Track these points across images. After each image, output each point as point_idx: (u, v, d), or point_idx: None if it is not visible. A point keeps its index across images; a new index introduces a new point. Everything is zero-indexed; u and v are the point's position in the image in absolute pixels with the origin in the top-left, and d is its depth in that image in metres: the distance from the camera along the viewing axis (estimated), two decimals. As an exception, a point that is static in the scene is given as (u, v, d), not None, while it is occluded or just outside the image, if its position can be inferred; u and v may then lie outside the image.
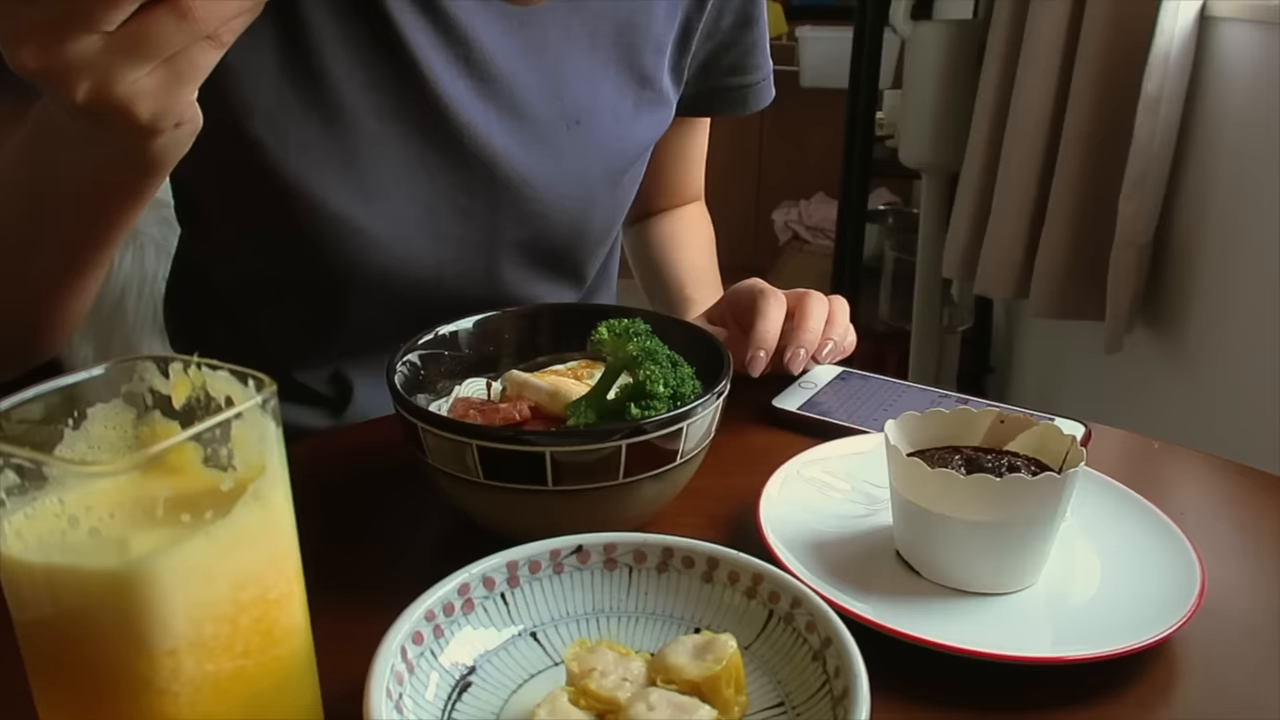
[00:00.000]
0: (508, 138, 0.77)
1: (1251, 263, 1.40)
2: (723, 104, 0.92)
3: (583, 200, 0.82)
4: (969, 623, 0.52)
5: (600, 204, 0.84)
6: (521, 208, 0.80)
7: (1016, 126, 1.77)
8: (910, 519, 0.56)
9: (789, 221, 3.51)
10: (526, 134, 0.78)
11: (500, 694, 0.47)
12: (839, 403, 0.76)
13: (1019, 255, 1.79)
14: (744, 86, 0.92)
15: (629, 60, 0.81)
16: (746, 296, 0.77)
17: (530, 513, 0.56)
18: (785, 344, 0.75)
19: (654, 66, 0.82)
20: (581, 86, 0.79)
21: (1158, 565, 0.56)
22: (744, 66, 0.90)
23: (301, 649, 0.40)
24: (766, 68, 0.93)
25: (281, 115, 0.71)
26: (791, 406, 0.76)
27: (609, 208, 0.85)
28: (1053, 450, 0.56)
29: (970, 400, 0.77)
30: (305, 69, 0.71)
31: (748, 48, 0.89)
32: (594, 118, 0.80)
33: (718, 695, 0.43)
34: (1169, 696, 0.50)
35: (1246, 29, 1.42)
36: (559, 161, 0.79)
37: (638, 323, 0.61)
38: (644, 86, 0.82)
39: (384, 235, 0.75)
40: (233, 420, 0.36)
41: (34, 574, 0.35)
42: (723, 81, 0.91)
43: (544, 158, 0.79)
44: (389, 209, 0.75)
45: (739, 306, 0.79)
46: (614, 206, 0.86)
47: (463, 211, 0.78)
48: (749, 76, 0.91)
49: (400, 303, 0.79)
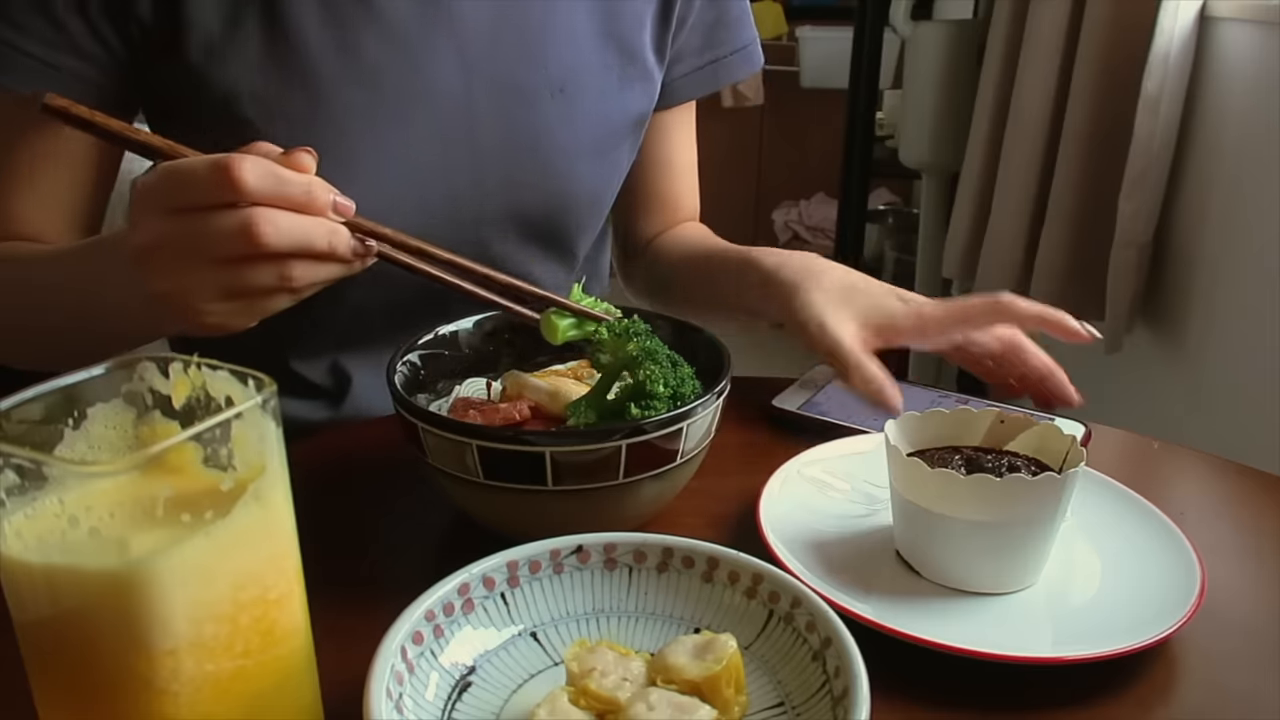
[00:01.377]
0: (490, 105, 0.77)
1: (1251, 263, 1.40)
2: (711, 80, 0.92)
3: (567, 170, 0.82)
4: (969, 623, 0.52)
5: (586, 175, 0.83)
6: (506, 176, 0.80)
7: (1016, 126, 1.77)
8: (910, 519, 0.56)
9: (789, 221, 3.51)
10: (510, 101, 0.78)
11: (500, 694, 0.47)
12: (839, 403, 0.76)
13: (1019, 255, 1.79)
14: (734, 53, 0.92)
15: (611, 31, 0.82)
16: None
17: (530, 513, 0.56)
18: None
19: (636, 39, 0.83)
20: (565, 56, 0.80)
21: (1158, 565, 0.56)
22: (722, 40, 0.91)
23: (301, 649, 0.40)
24: (751, 32, 0.94)
25: (266, 94, 0.72)
26: (792, 407, 0.76)
27: (596, 179, 0.85)
28: (1053, 450, 0.56)
29: (970, 400, 0.77)
30: (285, 42, 0.72)
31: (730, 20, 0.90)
32: (578, 86, 0.80)
33: (718, 695, 0.43)
34: (1169, 696, 0.50)
35: (1246, 29, 1.42)
36: (543, 130, 0.80)
37: (638, 323, 0.61)
38: (627, 59, 0.83)
39: (371, 206, 0.75)
40: (233, 420, 0.36)
41: (34, 574, 0.35)
42: (707, 56, 0.91)
43: (528, 126, 0.79)
44: (374, 179, 0.75)
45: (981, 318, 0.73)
46: (602, 179, 0.86)
47: (447, 181, 0.78)
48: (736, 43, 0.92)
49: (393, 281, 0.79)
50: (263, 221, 0.48)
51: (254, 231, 0.48)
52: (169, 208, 0.50)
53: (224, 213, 0.48)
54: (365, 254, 0.52)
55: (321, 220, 0.50)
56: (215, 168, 0.48)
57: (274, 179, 0.48)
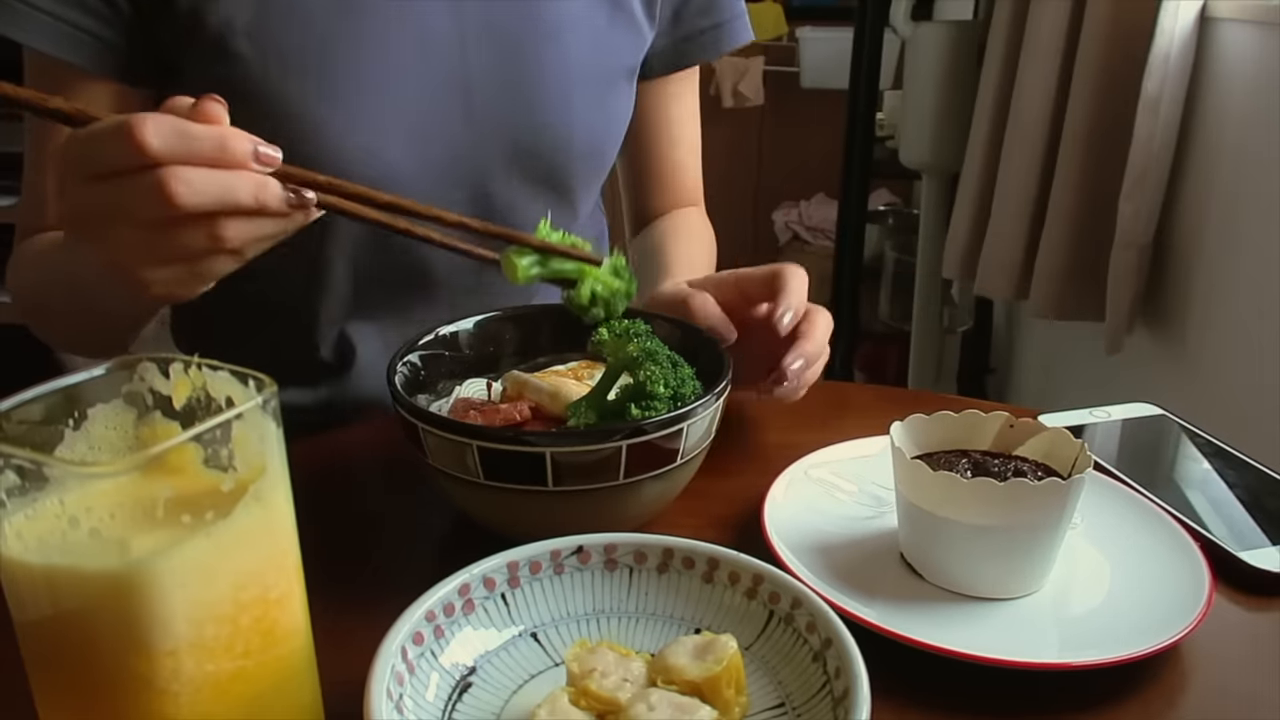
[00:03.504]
0: (481, 46, 0.79)
1: (1251, 263, 1.40)
2: (699, 49, 0.94)
3: (561, 113, 0.82)
4: (972, 627, 0.52)
5: (580, 120, 0.84)
6: (500, 118, 0.80)
7: (1016, 127, 1.77)
8: (914, 522, 0.55)
9: (789, 222, 3.51)
10: (501, 43, 0.79)
11: (500, 694, 0.47)
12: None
13: (1019, 256, 1.78)
14: (718, 25, 0.93)
15: None
16: (771, 282, 0.69)
17: (530, 513, 0.56)
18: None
19: None
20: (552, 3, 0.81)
21: (1165, 571, 0.56)
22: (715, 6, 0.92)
23: (301, 649, 0.40)
24: (739, 5, 0.95)
25: (260, 29, 0.72)
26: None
27: (591, 127, 0.86)
28: (1062, 455, 0.56)
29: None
30: None
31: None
32: (568, 30, 0.81)
33: (718, 696, 0.43)
34: (1176, 702, 0.50)
35: (1246, 29, 1.42)
36: (535, 72, 0.81)
37: (638, 323, 0.61)
38: (615, 6, 0.85)
39: (365, 144, 0.76)
40: (233, 421, 0.36)
41: (34, 575, 0.35)
42: (697, 24, 0.92)
43: (519, 68, 0.80)
44: (367, 114, 0.76)
45: (757, 288, 0.70)
46: (598, 127, 0.86)
47: (442, 120, 0.79)
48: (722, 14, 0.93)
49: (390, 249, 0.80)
50: (174, 181, 0.46)
51: (167, 192, 0.46)
52: (86, 175, 0.48)
53: (137, 176, 0.46)
54: (303, 205, 0.49)
55: (242, 173, 0.47)
56: (118, 132, 0.46)
57: (179, 136, 0.46)
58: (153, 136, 0.45)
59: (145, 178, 0.46)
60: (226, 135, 0.47)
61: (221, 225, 0.48)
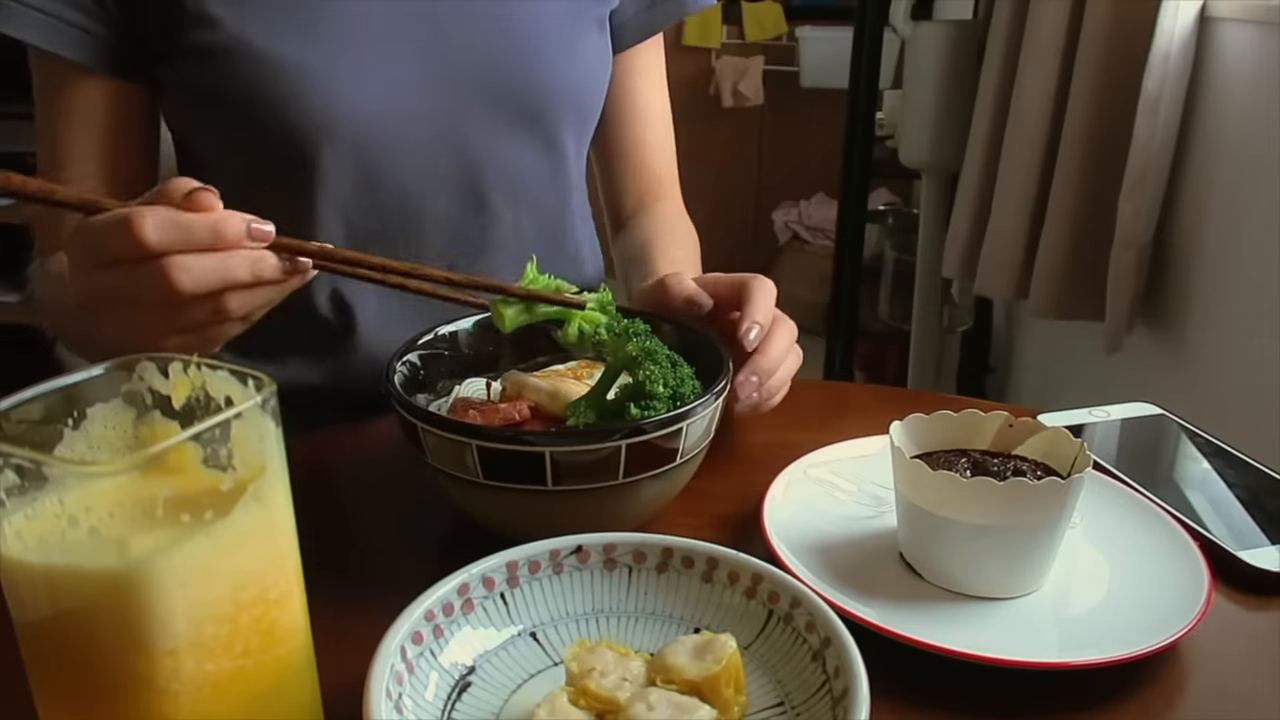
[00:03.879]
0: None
1: (1252, 263, 1.40)
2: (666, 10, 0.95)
3: (536, 58, 0.84)
4: (972, 627, 0.52)
5: (557, 67, 0.85)
6: (475, 60, 0.82)
7: (1016, 126, 1.77)
8: (914, 522, 0.55)
9: (789, 221, 3.51)
10: None
11: (500, 694, 0.47)
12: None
13: (1019, 255, 1.78)
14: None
15: None
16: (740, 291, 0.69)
17: (530, 513, 0.56)
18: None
19: None
20: None
21: (1164, 570, 0.56)
22: None
23: (301, 649, 0.40)
24: None
25: None
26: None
27: (568, 74, 0.87)
28: (1061, 455, 0.56)
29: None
30: None
31: None
32: None
33: (717, 695, 0.43)
34: (1175, 702, 0.50)
35: (1246, 29, 1.42)
36: (505, 17, 0.83)
37: (638, 323, 0.61)
38: None
39: (341, 78, 0.77)
40: (232, 420, 0.36)
41: (34, 574, 0.35)
42: None
43: (489, 15, 0.82)
44: (341, 51, 0.77)
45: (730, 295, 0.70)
46: (574, 74, 0.87)
47: (416, 53, 0.80)
48: None
49: (373, 175, 0.81)
50: (174, 269, 0.49)
51: (170, 280, 0.49)
52: (95, 264, 0.52)
53: (141, 265, 0.50)
54: (299, 270, 0.53)
55: (238, 253, 0.51)
56: (121, 226, 0.49)
57: (176, 228, 0.49)
58: (151, 231, 0.49)
59: (149, 267, 0.50)
60: (219, 220, 0.50)
61: (224, 300, 0.52)
